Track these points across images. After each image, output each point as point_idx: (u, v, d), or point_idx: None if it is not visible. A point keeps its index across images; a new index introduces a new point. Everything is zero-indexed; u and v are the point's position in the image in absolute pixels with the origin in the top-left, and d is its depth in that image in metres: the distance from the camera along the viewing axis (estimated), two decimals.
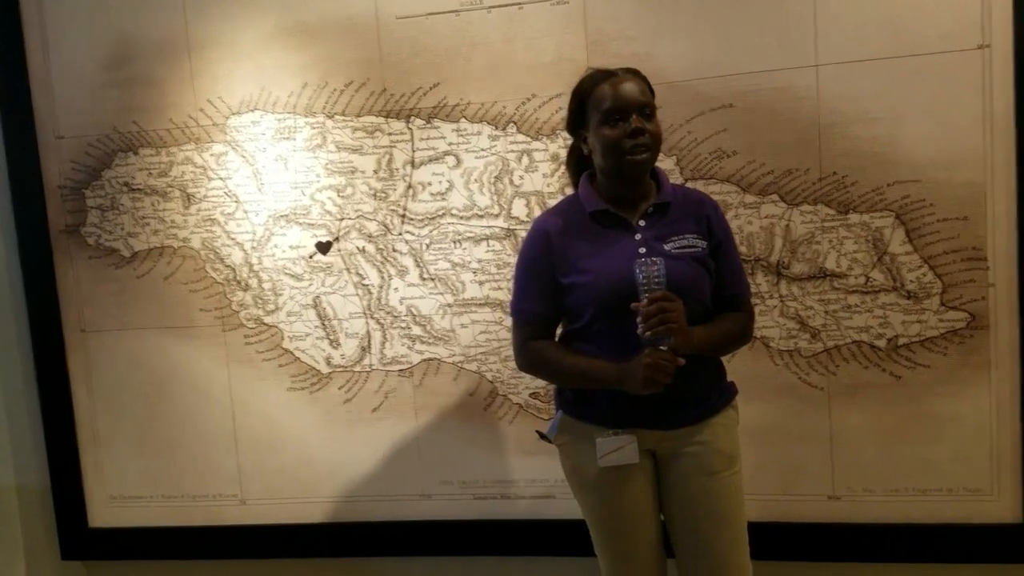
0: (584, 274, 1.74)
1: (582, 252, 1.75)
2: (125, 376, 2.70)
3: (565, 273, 1.76)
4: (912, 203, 2.23)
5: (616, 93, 1.69)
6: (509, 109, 2.39)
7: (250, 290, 2.59)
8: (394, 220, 2.50)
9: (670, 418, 1.77)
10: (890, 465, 2.33)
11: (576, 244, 1.76)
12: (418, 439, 2.57)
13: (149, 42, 2.54)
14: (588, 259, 1.75)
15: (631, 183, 1.77)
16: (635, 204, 1.78)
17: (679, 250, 1.74)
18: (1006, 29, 2.13)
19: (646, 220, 1.77)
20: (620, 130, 1.68)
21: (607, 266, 1.72)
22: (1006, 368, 2.24)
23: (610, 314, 1.72)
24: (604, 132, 1.70)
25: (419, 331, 2.53)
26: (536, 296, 1.81)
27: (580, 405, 1.84)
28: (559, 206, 1.88)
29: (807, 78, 2.23)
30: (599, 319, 1.75)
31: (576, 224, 1.78)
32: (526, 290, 1.83)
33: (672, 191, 1.82)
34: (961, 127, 2.18)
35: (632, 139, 1.68)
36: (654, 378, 1.64)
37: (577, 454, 1.84)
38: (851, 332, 2.30)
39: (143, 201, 2.61)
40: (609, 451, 1.76)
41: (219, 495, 2.70)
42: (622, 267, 1.70)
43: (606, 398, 1.77)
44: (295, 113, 2.49)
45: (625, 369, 1.69)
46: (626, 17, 2.30)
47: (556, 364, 1.80)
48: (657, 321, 1.63)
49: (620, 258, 1.73)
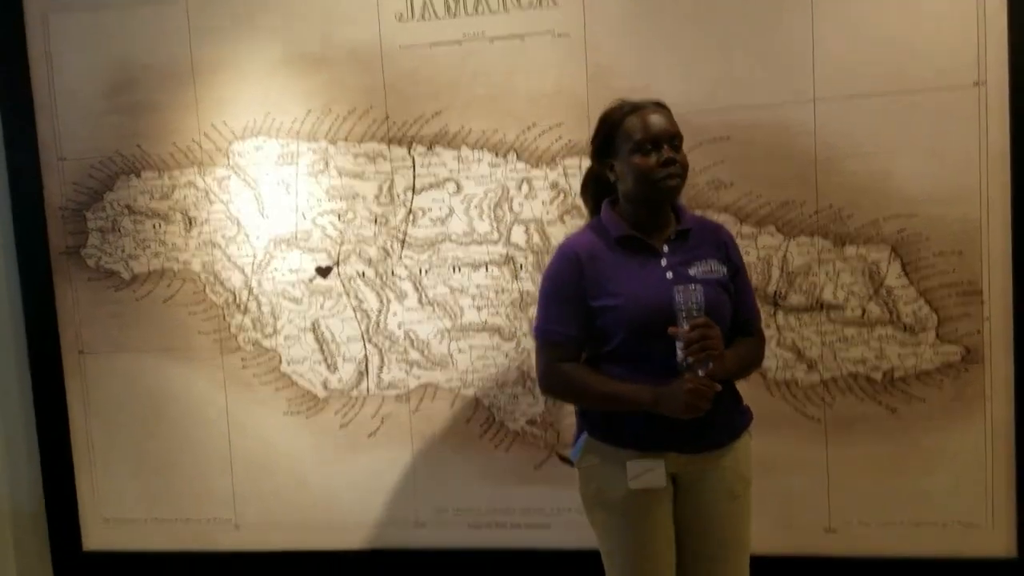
0: (615, 297, 1.76)
1: (611, 276, 1.78)
2: (122, 398, 2.69)
3: (595, 296, 1.78)
4: (908, 237, 2.25)
5: (648, 124, 1.75)
6: (509, 137, 2.42)
7: (249, 313, 2.60)
8: (394, 245, 2.51)
9: (698, 442, 1.79)
10: (886, 498, 2.33)
11: (605, 268, 1.79)
12: (414, 465, 2.56)
13: (154, 67, 2.56)
14: (617, 283, 1.77)
15: (656, 210, 1.81)
16: (658, 230, 1.82)
17: (703, 275, 1.78)
18: (1001, 67, 2.17)
19: (669, 246, 1.81)
20: (653, 159, 1.73)
21: (638, 290, 1.75)
22: (1001, 402, 2.25)
23: (640, 337, 1.75)
24: (636, 160, 1.75)
25: (417, 356, 2.54)
26: (565, 318, 1.81)
27: (607, 428, 1.82)
28: (584, 231, 1.89)
29: (804, 112, 2.26)
30: (629, 342, 1.76)
31: (603, 249, 1.81)
32: (554, 312, 1.83)
33: (691, 219, 1.88)
34: (957, 163, 2.21)
35: (664, 168, 1.73)
36: (696, 403, 1.67)
37: (603, 477, 1.83)
38: (848, 364, 2.32)
39: (144, 224, 2.63)
40: (639, 474, 1.77)
41: (213, 519, 2.69)
42: (652, 291, 1.74)
43: (634, 421, 1.77)
44: (298, 139, 2.52)
45: (662, 393, 1.70)
46: (626, 50, 2.33)
47: (587, 386, 1.80)
48: (700, 347, 1.66)
49: (649, 282, 1.76)
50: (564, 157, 2.39)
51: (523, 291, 2.45)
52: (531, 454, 2.49)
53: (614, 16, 2.33)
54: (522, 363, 2.47)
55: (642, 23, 2.32)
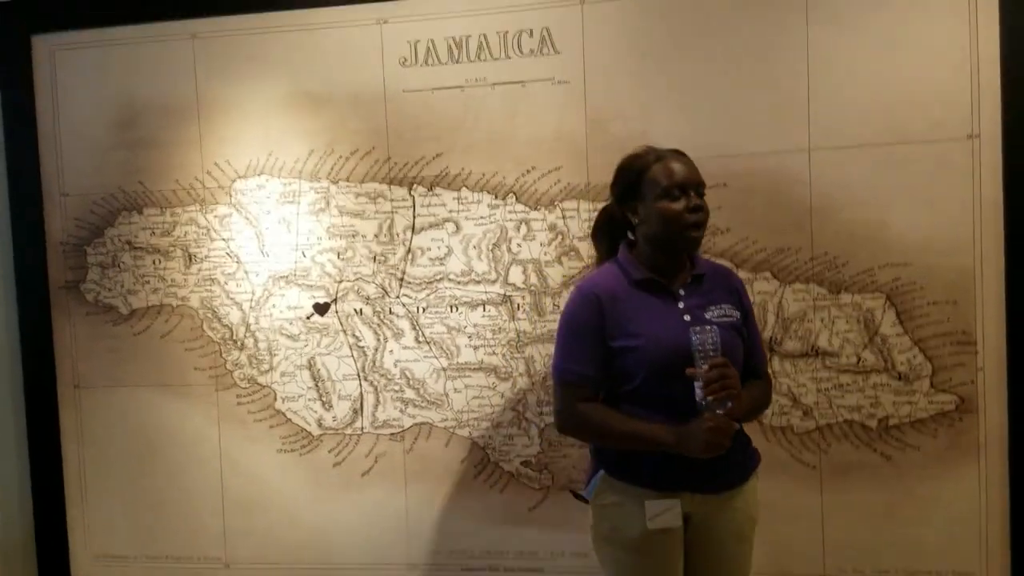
0: (635, 338, 1.80)
1: (632, 317, 1.82)
2: (116, 433, 2.68)
3: (615, 337, 1.82)
4: (903, 285, 2.27)
5: (677, 171, 1.82)
6: (509, 180, 2.44)
7: (245, 350, 2.60)
8: (392, 283, 2.52)
9: (713, 482, 1.82)
10: (880, 545, 2.33)
11: (625, 309, 1.82)
12: (407, 505, 2.55)
13: (159, 105, 2.59)
14: (638, 324, 1.81)
15: (675, 254, 1.87)
16: (675, 274, 1.88)
17: (718, 319, 1.84)
18: (995, 120, 2.21)
19: (685, 289, 1.87)
20: (681, 205, 1.80)
21: (659, 331, 1.80)
22: (995, 451, 2.26)
23: (660, 378, 1.78)
24: (665, 205, 1.80)
25: (412, 394, 2.53)
26: (584, 358, 1.84)
27: (625, 466, 1.85)
28: (603, 273, 1.92)
29: (800, 161, 2.29)
30: (649, 382, 1.80)
31: (623, 290, 1.85)
32: (575, 353, 1.85)
33: (704, 264, 1.95)
34: (951, 214, 2.24)
35: (693, 214, 1.80)
36: (717, 442, 1.71)
37: (619, 515, 1.85)
38: (843, 411, 2.32)
39: (144, 259, 2.64)
40: (658, 513, 1.80)
41: (204, 557, 2.66)
42: (672, 332, 1.79)
43: (652, 461, 1.81)
44: (300, 178, 2.54)
45: (683, 432, 1.74)
46: (625, 97, 2.37)
47: (607, 426, 1.82)
48: (719, 387, 1.71)
49: (668, 324, 1.81)
50: (562, 200, 2.42)
51: (520, 331, 2.46)
52: (526, 496, 2.48)
53: (614, 65, 2.37)
54: (517, 404, 2.47)
55: (641, 72, 2.36)
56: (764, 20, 2.30)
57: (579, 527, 2.45)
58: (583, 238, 2.40)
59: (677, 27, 2.34)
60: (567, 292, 2.41)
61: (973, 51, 2.21)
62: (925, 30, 2.23)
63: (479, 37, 2.42)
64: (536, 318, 2.45)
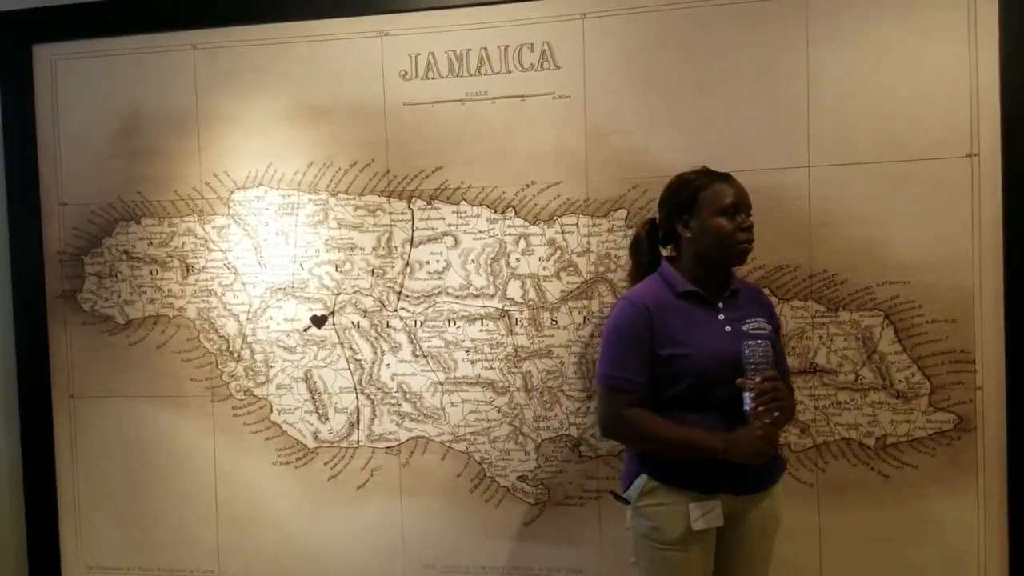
0: (683, 347, 1.89)
1: (677, 327, 1.91)
2: (110, 443, 2.67)
3: (662, 346, 1.91)
4: (901, 304, 2.27)
5: (734, 192, 1.94)
6: (508, 194, 2.44)
7: (242, 361, 2.59)
8: (390, 296, 2.52)
9: (749, 484, 1.92)
10: (878, 565, 2.32)
11: (672, 319, 1.92)
12: (402, 519, 2.54)
13: (159, 115, 2.59)
14: (683, 334, 1.91)
15: (718, 269, 1.97)
16: (715, 288, 1.98)
17: (755, 331, 1.94)
18: (994, 139, 2.21)
19: (724, 303, 1.97)
20: (735, 223, 1.92)
21: (705, 341, 1.90)
22: (993, 471, 2.25)
23: (704, 384, 1.88)
24: (721, 223, 1.92)
25: (409, 408, 2.52)
26: (632, 366, 1.92)
27: (669, 471, 1.93)
28: (648, 284, 2.01)
29: (799, 178, 2.29)
30: (694, 388, 1.89)
31: (668, 301, 1.95)
32: (625, 361, 1.93)
33: (738, 281, 2.05)
34: (950, 232, 2.24)
35: (744, 233, 1.93)
36: (765, 450, 1.84)
37: (661, 516, 1.92)
38: (840, 429, 2.31)
39: (142, 270, 2.63)
40: (702, 515, 1.88)
41: (197, 570, 2.64)
42: (716, 342, 1.90)
43: (696, 465, 1.89)
44: (299, 190, 2.54)
45: (732, 440, 1.85)
46: (625, 112, 2.37)
47: (656, 432, 1.90)
48: (771, 398, 1.82)
49: (712, 334, 1.92)
50: (562, 215, 2.41)
51: (518, 346, 2.45)
52: (522, 511, 2.47)
53: (614, 80, 2.37)
54: (514, 418, 2.46)
55: (642, 87, 2.36)
56: (765, 36, 2.30)
57: (575, 542, 2.44)
58: (581, 253, 2.40)
59: (678, 42, 2.34)
60: (565, 307, 2.41)
61: (973, 69, 2.22)
62: (924, 48, 2.24)
63: (480, 51, 2.43)
64: (534, 333, 2.44)
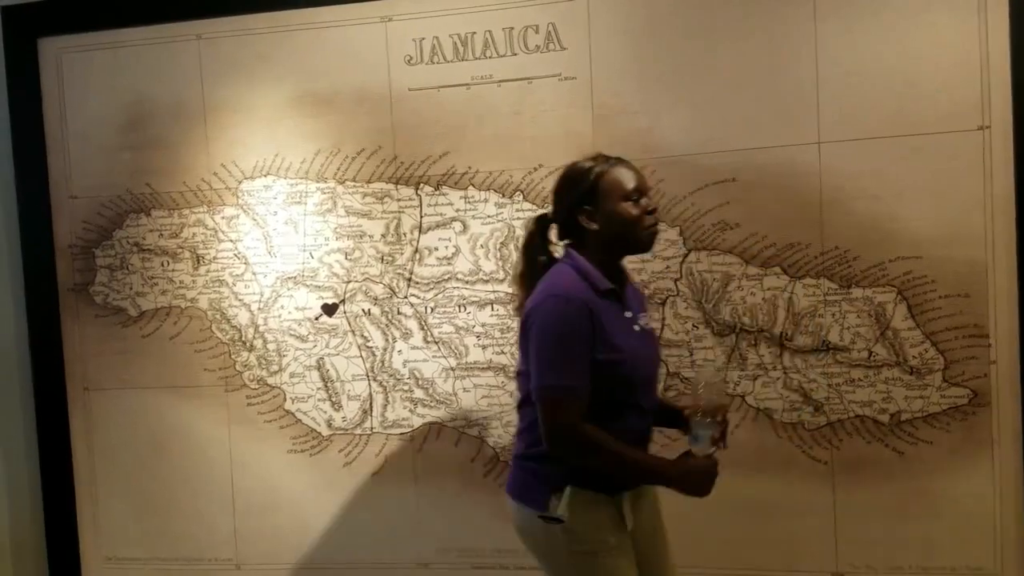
0: (617, 352, 1.72)
1: (611, 329, 1.74)
2: (126, 435, 2.69)
3: (600, 349, 1.71)
4: (914, 279, 2.25)
5: (634, 175, 1.81)
6: (516, 178, 2.43)
7: (255, 351, 2.60)
8: (400, 283, 2.52)
9: None
10: (893, 542, 2.31)
11: (606, 320, 1.74)
12: (417, 505, 2.55)
13: (166, 107, 2.59)
14: (619, 336, 1.75)
15: (631, 254, 1.86)
16: (622, 283, 1.85)
17: (647, 327, 1.88)
18: (1005, 111, 2.19)
19: (625, 298, 1.85)
20: (641, 208, 1.79)
21: (632, 345, 1.77)
22: (1009, 445, 2.24)
23: (631, 390, 1.77)
24: (626, 208, 1.78)
25: (421, 394, 2.53)
26: (583, 372, 1.70)
27: (592, 476, 1.76)
28: (572, 280, 1.78)
29: (809, 155, 2.28)
30: (621, 394, 1.76)
31: (596, 300, 1.75)
32: (573, 365, 1.69)
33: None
34: (962, 206, 2.22)
35: (651, 216, 1.81)
36: (710, 485, 1.74)
37: (596, 523, 1.78)
38: (854, 406, 2.31)
39: (153, 261, 2.64)
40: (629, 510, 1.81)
41: (215, 559, 2.67)
42: (638, 343, 1.80)
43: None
44: (307, 179, 2.54)
45: (684, 471, 1.73)
46: (631, 93, 2.36)
47: (618, 454, 1.72)
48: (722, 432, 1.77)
49: (633, 336, 1.80)
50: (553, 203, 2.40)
51: None
52: None
53: (620, 60, 2.36)
54: None
55: (648, 67, 2.35)
56: (772, 12, 2.28)
57: None
58: None
59: (684, 20, 2.33)
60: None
61: (983, 41, 2.19)
62: (934, 21, 2.21)
63: (484, 34, 2.42)
64: None
